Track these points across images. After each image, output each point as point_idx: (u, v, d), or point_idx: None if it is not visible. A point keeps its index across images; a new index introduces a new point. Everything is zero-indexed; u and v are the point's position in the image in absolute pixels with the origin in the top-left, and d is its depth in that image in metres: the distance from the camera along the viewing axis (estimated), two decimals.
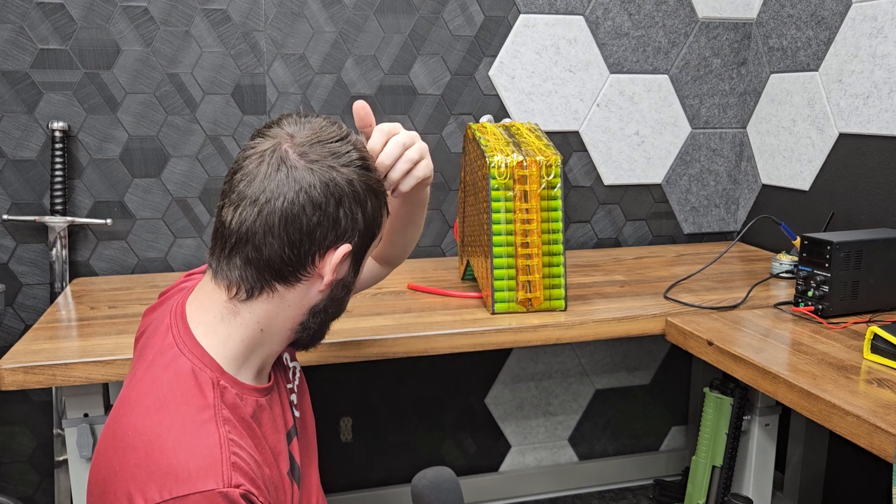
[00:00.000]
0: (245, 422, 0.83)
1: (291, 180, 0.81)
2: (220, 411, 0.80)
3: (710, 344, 1.38)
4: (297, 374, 1.06)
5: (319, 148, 0.83)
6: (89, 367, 1.25)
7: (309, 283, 0.86)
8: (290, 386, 1.01)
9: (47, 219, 1.79)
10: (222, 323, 0.85)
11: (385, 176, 0.94)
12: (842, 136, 1.91)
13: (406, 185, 0.96)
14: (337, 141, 0.85)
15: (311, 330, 0.90)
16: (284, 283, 0.84)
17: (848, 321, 1.47)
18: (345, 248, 0.84)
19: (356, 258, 0.89)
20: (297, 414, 1.01)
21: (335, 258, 0.84)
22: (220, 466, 0.74)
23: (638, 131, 2.20)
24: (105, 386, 1.40)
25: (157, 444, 0.75)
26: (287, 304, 0.86)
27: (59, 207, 1.79)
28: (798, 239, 1.64)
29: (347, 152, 0.84)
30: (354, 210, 0.84)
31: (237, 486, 0.74)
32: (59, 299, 1.65)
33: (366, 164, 0.87)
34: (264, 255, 0.82)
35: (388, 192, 0.95)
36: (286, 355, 1.04)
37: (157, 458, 0.74)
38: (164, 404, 0.79)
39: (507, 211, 1.47)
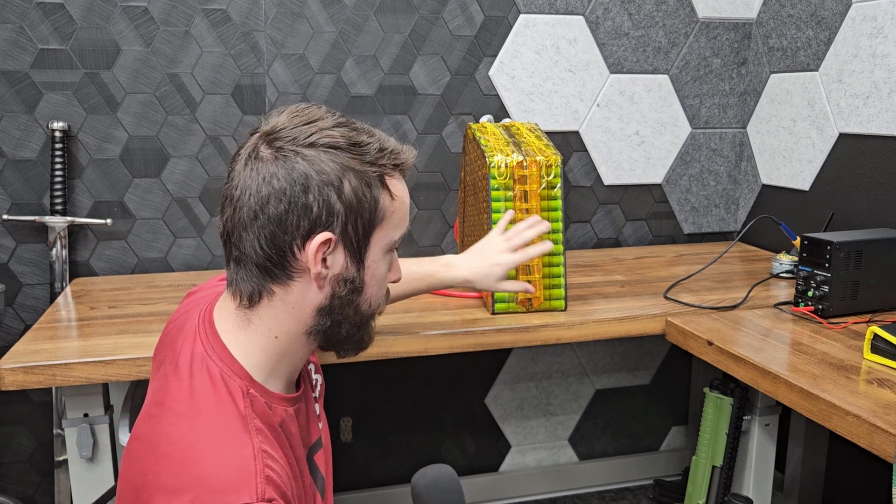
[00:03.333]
0: (275, 431, 0.82)
1: (255, 172, 0.79)
2: (251, 421, 0.78)
3: (710, 344, 1.38)
4: (319, 386, 1.04)
5: (286, 133, 0.80)
6: (89, 367, 1.25)
7: (303, 282, 0.82)
8: (314, 395, 1.00)
9: (47, 219, 1.79)
10: (240, 331, 0.84)
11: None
12: (842, 136, 1.91)
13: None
14: (308, 123, 0.81)
15: (327, 334, 0.87)
16: (278, 283, 0.82)
17: (848, 321, 1.46)
18: (322, 235, 0.80)
19: (350, 249, 0.83)
20: (320, 425, 1.00)
21: (312, 247, 0.80)
22: (255, 479, 0.73)
23: (638, 131, 2.20)
24: (105, 386, 1.40)
25: (190, 453, 0.74)
26: (290, 307, 0.83)
27: (59, 207, 1.79)
28: (798, 239, 1.64)
29: (316, 132, 0.80)
30: (326, 193, 0.79)
31: (269, 501, 0.72)
32: (59, 299, 1.65)
33: (342, 143, 0.80)
34: (245, 252, 0.81)
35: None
36: (311, 365, 1.02)
37: (191, 467, 0.73)
38: (198, 413, 0.78)
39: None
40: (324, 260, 0.81)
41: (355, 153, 0.81)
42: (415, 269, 1.30)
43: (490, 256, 1.31)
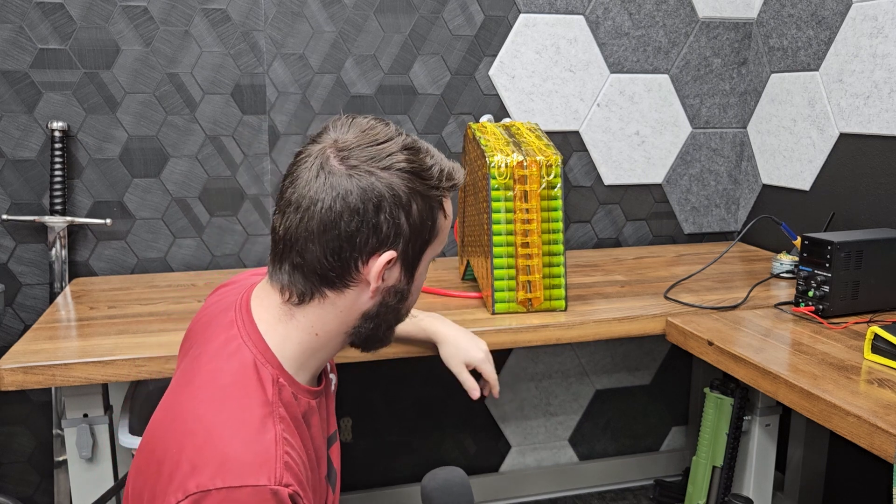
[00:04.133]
0: (297, 421, 0.85)
1: (329, 186, 0.81)
2: (277, 409, 0.81)
3: (711, 344, 1.38)
4: (334, 385, 1.08)
5: (360, 152, 0.82)
6: (89, 367, 1.25)
7: (358, 290, 0.86)
8: (332, 390, 1.04)
9: (47, 219, 1.79)
10: (280, 323, 0.87)
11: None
12: (842, 135, 1.90)
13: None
14: (381, 143, 0.84)
15: (365, 334, 0.91)
16: (333, 289, 0.85)
17: (848, 321, 1.46)
18: (388, 254, 0.84)
19: (406, 264, 0.87)
20: (335, 421, 1.03)
21: (378, 265, 0.84)
22: (274, 464, 0.75)
23: (638, 131, 2.20)
24: (104, 386, 1.40)
25: (216, 432, 0.77)
26: (339, 310, 0.87)
27: (58, 207, 1.79)
28: (798, 239, 1.64)
29: (390, 154, 0.83)
30: (397, 215, 0.83)
31: (287, 486, 0.75)
32: (59, 299, 1.64)
33: (412, 167, 0.84)
34: (308, 260, 0.83)
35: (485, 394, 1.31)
36: (328, 365, 1.04)
37: (215, 445, 0.76)
38: (227, 395, 0.80)
39: (507, 211, 1.47)
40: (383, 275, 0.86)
41: (424, 177, 0.85)
42: None
43: (472, 340, 1.34)
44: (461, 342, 1.32)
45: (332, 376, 1.07)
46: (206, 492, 0.73)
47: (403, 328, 1.34)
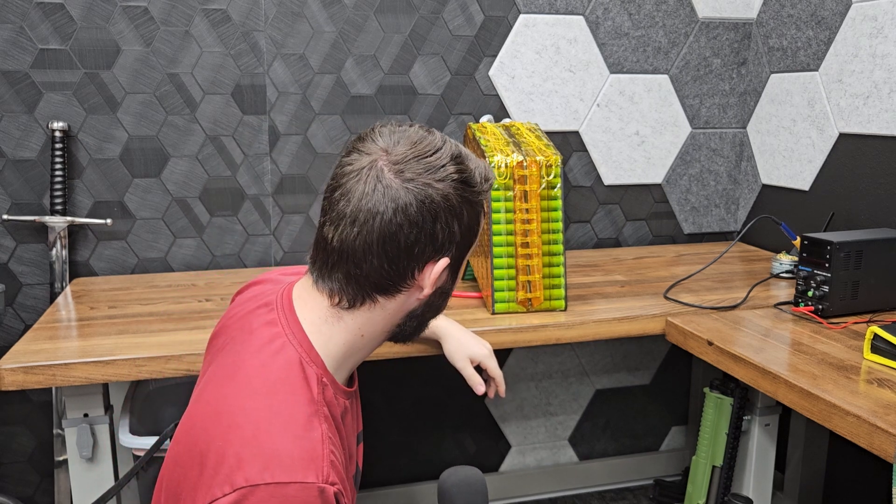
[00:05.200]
0: (337, 421, 0.86)
1: (388, 199, 0.83)
2: (321, 408, 0.83)
3: (710, 344, 1.38)
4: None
5: (415, 164, 0.84)
6: (89, 367, 1.25)
7: (409, 293, 0.89)
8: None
9: (47, 219, 1.79)
10: (326, 324, 0.88)
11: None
12: (842, 136, 1.91)
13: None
14: (433, 154, 0.86)
15: (408, 331, 0.94)
16: (385, 295, 0.88)
17: (848, 321, 1.46)
18: (444, 261, 0.87)
19: (454, 267, 0.91)
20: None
21: (435, 271, 0.87)
22: (322, 462, 0.77)
23: (638, 131, 2.20)
24: (105, 386, 1.40)
25: (264, 427, 0.77)
26: (388, 313, 0.90)
27: (59, 207, 1.79)
28: (798, 239, 1.64)
29: (443, 166, 0.85)
30: (451, 223, 0.86)
31: (332, 484, 0.76)
32: (59, 299, 1.65)
33: (462, 176, 0.87)
34: (364, 271, 0.85)
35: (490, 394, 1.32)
36: None
37: (264, 440, 0.76)
38: (274, 391, 0.81)
39: (507, 211, 1.47)
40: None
41: (472, 185, 0.88)
42: None
43: (474, 338, 1.34)
44: (464, 338, 1.32)
45: None
46: (255, 486, 0.73)
47: None
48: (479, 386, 1.32)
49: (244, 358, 0.86)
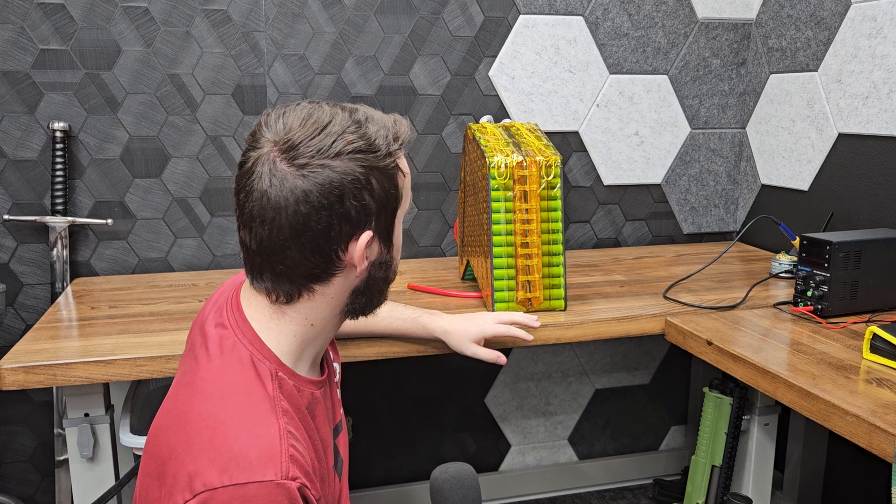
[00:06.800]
0: (301, 413, 0.85)
1: (287, 192, 0.79)
2: (279, 402, 0.82)
3: (710, 344, 1.39)
4: (338, 374, 1.08)
5: (305, 147, 0.80)
6: (90, 366, 1.25)
7: (344, 274, 0.86)
8: (336, 380, 1.04)
9: (48, 219, 1.79)
10: (272, 321, 0.87)
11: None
12: (841, 136, 1.91)
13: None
14: (321, 132, 0.81)
15: (359, 308, 0.92)
16: (320, 283, 0.85)
17: (847, 321, 1.47)
18: (366, 235, 0.84)
19: (383, 236, 0.87)
20: (341, 410, 1.05)
21: (359, 248, 0.84)
22: (280, 458, 0.76)
23: (637, 131, 2.21)
24: (106, 386, 1.40)
25: (220, 430, 0.77)
26: (329, 298, 0.87)
27: (59, 207, 1.80)
28: (797, 239, 1.64)
29: (334, 142, 0.81)
30: (361, 197, 0.82)
31: (294, 479, 0.75)
32: (60, 299, 1.65)
33: (360, 144, 0.82)
34: (288, 266, 0.83)
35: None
36: (330, 353, 1.05)
37: (221, 443, 0.76)
38: (227, 392, 0.81)
39: (507, 211, 1.47)
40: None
41: (374, 150, 0.83)
42: (402, 311, 1.36)
43: (474, 319, 1.34)
44: (462, 328, 1.32)
45: (336, 365, 1.08)
46: (214, 490, 0.73)
47: (407, 330, 1.35)
48: (499, 358, 1.32)
49: (200, 363, 0.86)
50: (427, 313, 1.36)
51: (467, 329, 1.32)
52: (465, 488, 1.18)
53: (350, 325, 1.32)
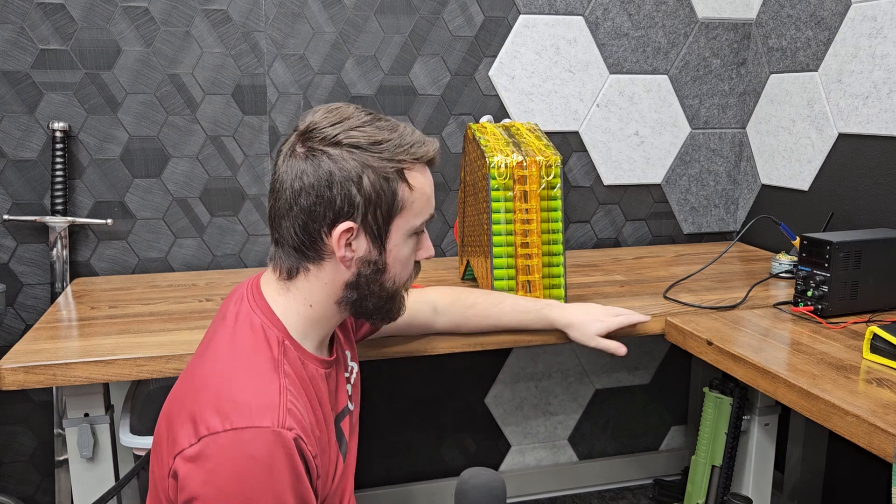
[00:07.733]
0: (304, 382, 0.93)
1: (292, 169, 0.91)
2: (282, 365, 0.90)
3: (710, 344, 1.38)
4: (355, 373, 1.14)
5: (317, 134, 0.91)
6: (90, 366, 1.25)
7: (333, 262, 0.94)
8: (346, 374, 1.10)
9: (48, 219, 1.79)
10: (280, 296, 0.96)
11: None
12: (841, 136, 1.91)
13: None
14: (335, 124, 0.91)
15: (356, 304, 0.98)
16: (312, 262, 0.94)
17: (847, 321, 1.47)
18: (344, 224, 0.91)
19: (372, 235, 0.94)
20: (351, 406, 1.10)
21: (336, 234, 0.91)
22: (277, 409, 0.83)
23: (637, 131, 2.21)
24: (106, 386, 1.40)
25: (225, 385, 0.85)
26: (323, 282, 0.95)
27: (59, 207, 1.80)
28: (797, 239, 1.64)
29: (338, 133, 0.90)
30: (347, 187, 0.90)
31: (290, 430, 0.82)
32: (60, 299, 1.65)
33: (362, 141, 0.91)
34: (283, 235, 0.94)
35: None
36: (347, 352, 1.12)
37: (225, 395, 0.84)
38: (237, 353, 0.90)
39: (507, 211, 1.47)
40: (348, 245, 0.93)
41: (374, 151, 0.91)
42: (524, 303, 1.42)
43: (594, 312, 1.42)
44: (585, 321, 1.39)
45: (354, 364, 1.14)
46: (216, 434, 0.80)
47: (530, 322, 1.41)
48: (619, 349, 1.38)
49: (217, 331, 0.94)
50: (547, 305, 1.41)
51: (592, 324, 1.39)
52: (493, 498, 1.19)
53: (475, 320, 1.39)
